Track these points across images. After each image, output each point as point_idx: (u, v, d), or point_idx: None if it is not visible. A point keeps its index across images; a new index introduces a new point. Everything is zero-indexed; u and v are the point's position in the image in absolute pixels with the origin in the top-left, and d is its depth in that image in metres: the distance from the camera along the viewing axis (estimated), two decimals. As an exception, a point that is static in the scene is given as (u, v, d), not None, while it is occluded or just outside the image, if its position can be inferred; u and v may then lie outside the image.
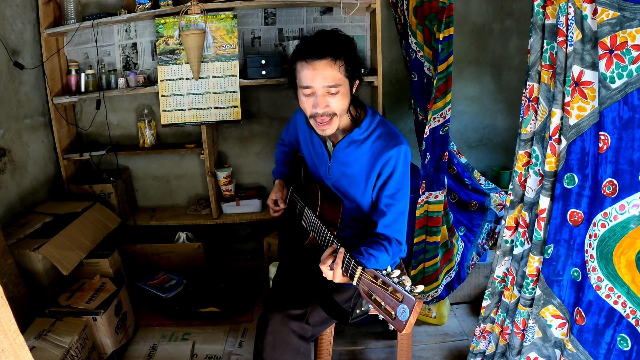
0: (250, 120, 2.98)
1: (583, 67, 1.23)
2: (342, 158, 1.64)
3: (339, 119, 1.55)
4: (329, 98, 1.50)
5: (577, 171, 1.32)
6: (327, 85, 1.48)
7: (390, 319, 1.10)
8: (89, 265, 2.30)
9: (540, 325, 1.51)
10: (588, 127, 1.26)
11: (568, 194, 1.36)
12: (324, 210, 1.63)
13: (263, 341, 1.51)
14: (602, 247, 1.25)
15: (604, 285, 1.27)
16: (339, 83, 1.48)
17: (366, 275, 1.22)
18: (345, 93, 1.52)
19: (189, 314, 2.46)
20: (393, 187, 1.57)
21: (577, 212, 1.35)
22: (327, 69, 1.46)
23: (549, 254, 1.43)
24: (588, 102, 1.24)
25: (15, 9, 2.46)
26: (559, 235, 1.41)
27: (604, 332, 1.29)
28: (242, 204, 2.88)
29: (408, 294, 1.07)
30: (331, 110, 1.51)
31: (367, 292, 1.20)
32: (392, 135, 1.59)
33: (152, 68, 2.84)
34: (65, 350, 1.82)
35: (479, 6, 2.86)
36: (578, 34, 1.22)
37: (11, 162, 2.40)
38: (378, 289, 1.16)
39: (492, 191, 2.41)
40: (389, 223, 1.56)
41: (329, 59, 1.46)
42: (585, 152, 1.29)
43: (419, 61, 2.21)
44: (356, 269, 1.26)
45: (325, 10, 2.80)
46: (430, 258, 2.25)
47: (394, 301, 1.10)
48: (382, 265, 1.54)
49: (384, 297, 1.13)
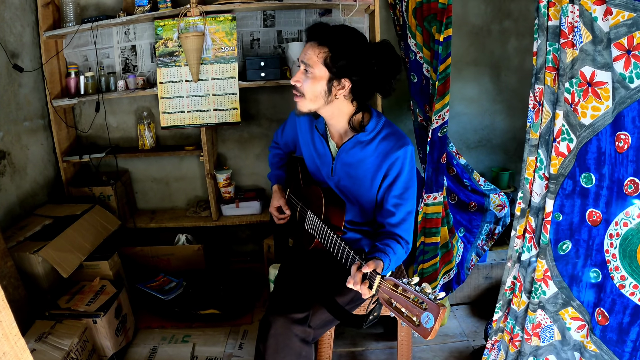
0: (249, 122, 2.98)
1: (595, 68, 1.24)
2: (347, 159, 1.65)
3: (309, 101, 1.57)
4: (303, 76, 1.56)
5: (594, 170, 1.33)
6: (304, 62, 1.54)
7: (414, 325, 1.11)
8: (89, 268, 2.30)
9: (560, 327, 1.51)
10: (603, 126, 1.27)
11: (586, 193, 1.36)
12: (329, 215, 1.62)
13: (265, 344, 1.51)
14: (625, 246, 1.26)
15: (628, 283, 1.28)
16: (312, 65, 1.52)
17: (385, 283, 1.23)
18: (318, 79, 1.52)
19: (189, 316, 2.46)
20: (401, 187, 1.58)
21: (595, 212, 1.35)
22: (310, 49, 1.54)
23: (564, 250, 1.43)
24: (602, 102, 1.26)
25: (15, 11, 2.46)
26: (577, 235, 1.41)
27: (629, 330, 1.30)
28: (241, 206, 2.88)
29: (432, 301, 1.08)
30: (301, 88, 1.56)
31: (387, 300, 1.21)
32: (398, 136, 1.60)
33: (151, 70, 2.84)
34: (65, 353, 1.82)
35: (477, 7, 2.86)
36: (588, 35, 1.24)
37: (11, 164, 2.40)
38: (399, 297, 1.17)
39: (492, 192, 2.41)
40: (397, 222, 1.57)
41: (314, 42, 1.53)
42: (602, 152, 1.30)
43: (419, 62, 2.22)
44: (375, 277, 1.27)
45: (324, 12, 2.80)
46: (429, 259, 2.25)
47: (418, 309, 1.10)
48: (400, 258, 1.55)
49: (406, 305, 1.14)
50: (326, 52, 1.50)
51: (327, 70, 1.51)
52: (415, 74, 2.25)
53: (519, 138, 3.12)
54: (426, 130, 2.28)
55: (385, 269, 1.43)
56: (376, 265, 1.32)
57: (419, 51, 2.20)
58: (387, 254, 1.46)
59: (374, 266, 1.31)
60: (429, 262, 2.26)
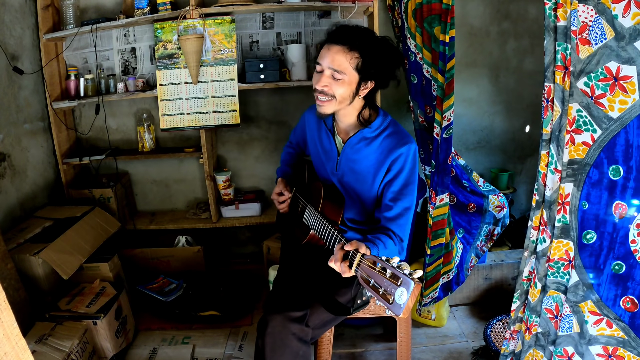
0: (249, 124, 2.99)
1: (620, 63, 1.30)
2: (352, 154, 1.67)
3: (337, 104, 1.59)
4: (331, 81, 1.55)
5: (622, 163, 1.37)
6: (332, 68, 1.54)
7: (388, 303, 1.11)
8: (89, 270, 2.30)
9: (579, 320, 1.54)
10: (630, 119, 1.32)
11: (614, 185, 1.40)
12: (326, 207, 1.65)
13: (263, 342, 1.52)
14: None
15: None
16: (343, 71, 1.53)
17: (365, 261, 1.23)
18: (348, 83, 1.56)
19: (188, 317, 2.46)
20: (401, 183, 1.60)
21: (622, 204, 1.39)
22: (339, 53, 1.53)
23: (588, 240, 1.46)
24: (629, 96, 1.31)
25: (14, 14, 2.47)
26: (603, 227, 1.44)
27: None
28: (241, 208, 2.88)
29: (407, 277, 1.09)
30: (330, 91, 1.56)
31: (366, 279, 1.21)
32: (402, 134, 1.64)
33: (150, 72, 2.85)
34: (65, 354, 1.82)
35: (476, 9, 2.87)
36: (611, 32, 1.30)
37: (11, 166, 2.41)
38: (376, 275, 1.17)
39: (491, 193, 2.41)
40: (393, 217, 1.58)
41: (344, 47, 1.53)
42: (630, 144, 1.34)
43: (419, 63, 2.22)
44: (355, 255, 1.27)
45: (323, 14, 2.81)
46: (433, 262, 2.25)
47: (392, 285, 1.11)
48: (390, 253, 1.55)
49: (382, 282, 1.15)
50: (357, 58, 1.54)
51: (358, 74, 1.56)
52: (416, 75, 2.26)
53: (517, 139, 3.12)
54: (427, 131, 2.28)
55: None
56: (358, 246, 1.32)
57: (419, 52, 2.20)
58: (376, 245, 1.46)
59: (356, 246, 1.31)
60: (433, 265, 2.26)
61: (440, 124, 2.05)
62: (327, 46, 1.57)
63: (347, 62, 1.53)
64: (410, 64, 2.27)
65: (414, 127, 2.40)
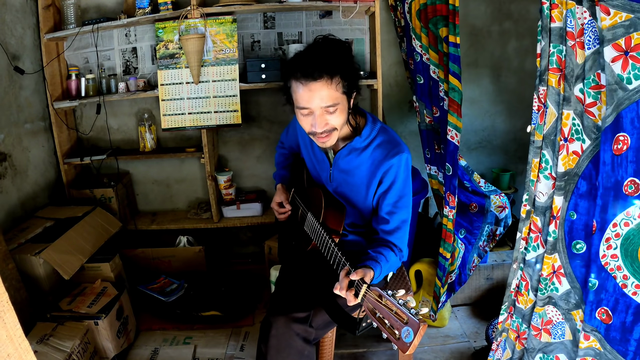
0: (250, 124, 2.99)
1: None
2: (343, 165, 1.65)
3: (339, 131, 1.55)
4: (327, 116, 1.48)
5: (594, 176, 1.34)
6: (325, 106, 1.46)
7: (394, 338, 1.10)
8: (90, 270, 2.30)
9: (571, 327, 1.51)
10: None
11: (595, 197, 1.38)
12: (327, 218, 1.63)
13: (267, 344, 1.51)
14: (627, 246, 1.27)
15: (630, 283, 1.28)
16: (336, 102, 1.46)
17: (371, 293, 1.22)
18: (343, 109, 1.51)
19: (190, 317, 2.46)
20: (395, 196, 1.57)
21: None
22: (324, 89, 1.44)
23: (578, 250, 1.44)
24: None
25: (15, 14, 2.47)
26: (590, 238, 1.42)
27: (632, 329, 1.31)
28: (242, 208, 2.88)
29: (413, 316, 1.08)
30: (330, 126, 1.50)
31: (372, 310, 1.20)
32: (393, 143, 1.59)
33: (152, 72, 2.85)
34: (67, 355, 1.82)
35: (477, 8, 2.87)
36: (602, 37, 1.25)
37: (12, 166, 2.40)
38: (383, 308, 1.16)
39: (492, 193, 2.41)
40: (391, 230, 1.57)
41: (325, 79, 1.43)
42: None
43: (425, 64, 2.21)
44: (361, 286, 1.26)
45: (325, 14, 2.81)
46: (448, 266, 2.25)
47: (399, 322, 1.10)
48: (393, 265, 1.55)
49: (389, 317, 1.14)
50: (340, 81, 1.46)
51: (345, 95, 1.50)
52: (422, 75, 2.25)
53: (519, 139, 3.12)
54: (434, 131, 2.27)
55: (376, 277, 1.43)
56: (364, 274, 1.31)
57: (425, 53, 2.19)
58: (379, 262, 1.45)
59: (362, 274, 1.30)
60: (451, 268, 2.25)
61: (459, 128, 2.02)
62: (303, 86, 1.44)
63: (335, 91, 1.45)
64: (416, 65, 2.26)
65: (419, 128, 2.40)
